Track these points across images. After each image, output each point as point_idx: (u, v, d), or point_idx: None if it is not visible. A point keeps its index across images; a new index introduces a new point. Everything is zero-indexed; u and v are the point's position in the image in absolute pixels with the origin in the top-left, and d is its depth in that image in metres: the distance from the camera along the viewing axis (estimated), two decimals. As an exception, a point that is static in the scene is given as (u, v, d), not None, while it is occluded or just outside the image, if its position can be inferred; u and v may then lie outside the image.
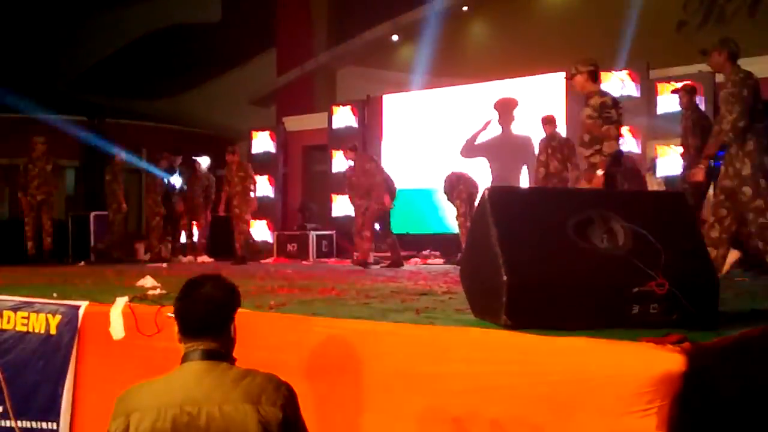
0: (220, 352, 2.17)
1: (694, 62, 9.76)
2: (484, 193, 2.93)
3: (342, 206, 12.02)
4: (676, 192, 5.68)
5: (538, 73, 10.54)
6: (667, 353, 2.17)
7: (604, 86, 9.87)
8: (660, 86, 9.39)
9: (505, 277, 2.60)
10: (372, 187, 8.58)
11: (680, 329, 2.42)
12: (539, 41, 11.74)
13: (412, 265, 8.87)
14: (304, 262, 9.11)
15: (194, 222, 10.53)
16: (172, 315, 3.17)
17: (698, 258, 2.83)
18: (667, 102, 9.04)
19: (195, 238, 10.51)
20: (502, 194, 3.08)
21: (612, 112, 5.35)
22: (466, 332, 2.64)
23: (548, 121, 8.29)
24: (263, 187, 12.78)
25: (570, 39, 11.27)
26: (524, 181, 9.61)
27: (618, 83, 9.41)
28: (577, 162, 7.50)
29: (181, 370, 2.12)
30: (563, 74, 10.40)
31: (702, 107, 8.58)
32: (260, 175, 12.67)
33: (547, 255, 2.70)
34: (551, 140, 8.13)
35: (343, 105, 12.77)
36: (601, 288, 2.65)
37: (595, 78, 5.57)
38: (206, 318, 2.17)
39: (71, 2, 19.85)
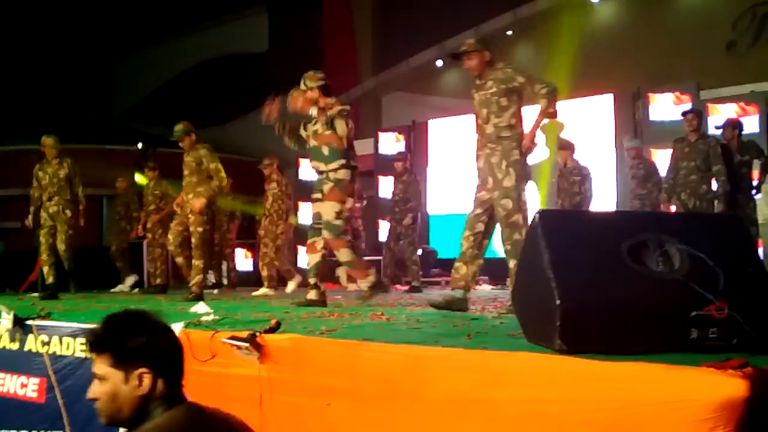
0: None
1: (745, 82, 9.63)
2: (535, 216, 2.91)
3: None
4: (732, 214, 5.57)
5: (586, 95, 10.49)
6: (729, 378, 2.11)
7: (654, 107, 9.82)
8: (711, 107, 9.24)
9: (558, 301, 2.57)
10: None
11: (741, 354, 2.36)
12: (586, 63, 11.69)
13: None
14: (352, 288, 9.11)
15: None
16: (227, 341, 3.23)
17: (758, 281, 2.76)
18: (718, 123, 8.89)
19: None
20: (554, 217, 3.06)
21: (346, 123, 5.42)
22: (520, 357, 2.61)
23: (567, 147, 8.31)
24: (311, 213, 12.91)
25: (618, 61, 11.22)
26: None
27: (668, 105, 9.29)
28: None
29: None
30: (611, 96, 10.41)
31: (757, 128, 8.47)
32: (306, 202, 12.80)
33: (601, 279, 2.67)
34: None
35: (389, 131, 12.85)
36: (658, 312, 2.60)
37: (328, 91, 5.58)
38: None
39: (125, 35, 20.49)
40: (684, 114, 7.80)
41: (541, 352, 2.62)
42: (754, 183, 7.58)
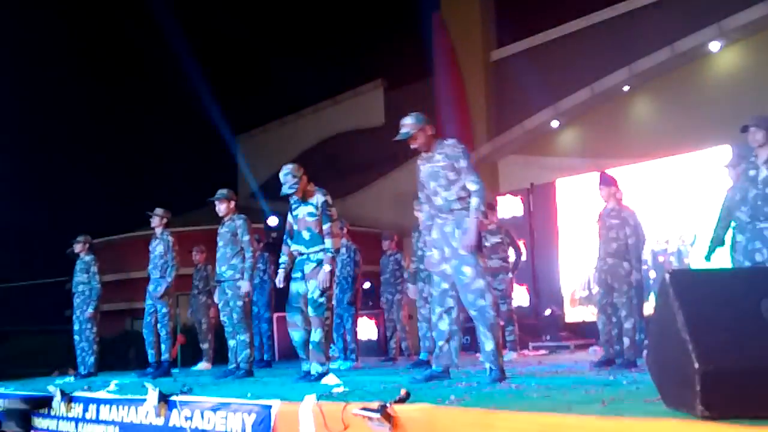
0: None
1: None
2: (665, 276, 2.83)
3: (515, 296, 11.89)
4: None
5: (709, 146, 10.11)
6: None
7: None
8: None
9: (696, 365, 2.48)
10: None
11: None
12: (707, 114, 11.33)
13: (590, 354, 8.53)
14: (477, 354, 9.02)
15: None
16: (358, 412, 3.28)
17: None
18: None
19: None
20: (686, 277, 2.96)
21: (332, 209, 5.61)
22: (660, 424, 2.51)
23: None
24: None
25: (742, 108, 10.77)
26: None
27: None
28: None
29: None
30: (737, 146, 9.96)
31: None
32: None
33: (742, 339, 2.55)
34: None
35: (509, 194, 12.81)
36: (808, 373, 2.45)
37: (309, 180, 5.76)
38: None
39: (246, 118, 21.68)
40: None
41: (683, 419, 2.52)
42: None
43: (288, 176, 5.76)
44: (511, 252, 8.59)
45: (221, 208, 6.86)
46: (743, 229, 5.40)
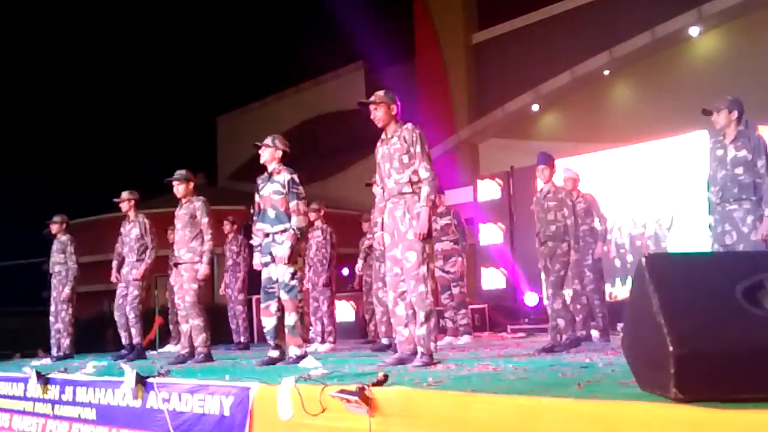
0: None
1: None
2: (640, 260, 2.85)
3: (493, 279, 11.95)
4: None
5: (689, 131, 10.18)
6: None
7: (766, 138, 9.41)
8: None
9: (671, 348, 2.49)
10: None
11: None
12: (686, 98, 11.38)
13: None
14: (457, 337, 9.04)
15: None
16: (336, 394, 3.28)
17: None
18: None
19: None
20: (661, 260, 2.98)
21: (300, 188, 5.56)
22: (635, 407, 2.53)
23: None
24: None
25: (721, 93, 10.83)
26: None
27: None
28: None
29: None
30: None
31: None
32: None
33: (716, 322, 2.57)
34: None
35: (489, 177, 12.83)
36: (780, 356, 2.48)
37: (284, 158, 5.70)
38: None
39: (227, 98, 21.50)
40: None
41: (657, 401, 2.54)
42: None
43: (267, 140, 5.76)
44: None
45: (179, 189, 6.65)
46: (713, 210, 5.37)
